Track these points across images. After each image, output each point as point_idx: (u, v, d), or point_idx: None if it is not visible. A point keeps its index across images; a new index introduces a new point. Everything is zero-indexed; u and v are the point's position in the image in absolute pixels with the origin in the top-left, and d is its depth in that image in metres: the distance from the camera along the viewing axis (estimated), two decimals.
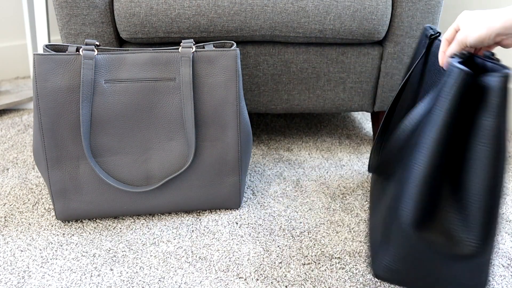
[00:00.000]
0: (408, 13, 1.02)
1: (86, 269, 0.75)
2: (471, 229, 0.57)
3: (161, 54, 0.79)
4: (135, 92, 0.79)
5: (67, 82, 0.76)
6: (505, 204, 0.96)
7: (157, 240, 0.82)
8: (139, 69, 0.78)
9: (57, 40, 1.78)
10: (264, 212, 0.91)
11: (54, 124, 0.78)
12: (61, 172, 0.81)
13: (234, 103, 0.81)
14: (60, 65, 0.76)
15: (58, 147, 0.79)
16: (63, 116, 0.78)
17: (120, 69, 0.78)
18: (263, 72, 1.07)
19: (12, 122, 1.33)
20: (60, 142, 0.79)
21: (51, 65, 0.76)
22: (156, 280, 0.73)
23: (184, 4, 0.94)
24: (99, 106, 0.78)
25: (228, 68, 0.80)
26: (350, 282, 0.73)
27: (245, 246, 0.81)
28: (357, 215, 0.91)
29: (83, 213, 0.84)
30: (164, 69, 0.79)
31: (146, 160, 0.83)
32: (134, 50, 0.79)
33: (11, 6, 1.65)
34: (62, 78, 0.76)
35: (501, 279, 0.75)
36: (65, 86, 0.76)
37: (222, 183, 0.86)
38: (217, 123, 0.82)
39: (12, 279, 0.73)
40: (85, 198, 0.83)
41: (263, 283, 0.73)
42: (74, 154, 0.80)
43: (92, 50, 0.76)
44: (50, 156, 0.79)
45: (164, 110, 0.80)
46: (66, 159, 0.80)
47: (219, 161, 0.84)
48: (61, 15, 0.96)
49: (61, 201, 0.83)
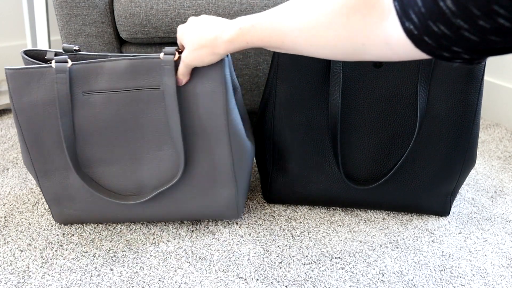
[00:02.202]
0: None
1: (86, 269, 0.75)
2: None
3: (142, 61, 0.72)
4: (116, 103, 0.73)
5: (43, 96, 0.72)
6: (505, 204, 0.96)
7: (157, 240, 0.82)
8: (118, 78, 0.72)
9: (57, 40, 1.78)
10: (264, 212, 0.91)
11: (37, 137, 0.75)
12: (51, 182, 0.79)
13: (222, 115, 0.74)
14: (33, 79, 0.71)
15: (45, 159, 0.77)
16: (45, 130, 0.74)
17: (98, 79, 0.72)
18: (263, 72, 1.07)
19: (12, 122, 1.33)
20: (47, 154, 0.76)
21: (24, 80, 0.71)
22: (156, 280, 0.73)
23: (184, 4, 0.94)
24: (81, 118, 0.74)
25: (213, 77, 0.72)
26: (350, 282, 0.73)
27: (245, 246, 0.81)
28: (357, 215, 0.91)
29: (79, 218, 0.84)
30: (146, 78, 0.72)
31: (136, 171, 0.79)
32: (113, 57, 0.73)
33: (11, 6, 1.65)
34: (37, 92, 0.72)
35: (501, 279, 0.75)
36: (42, 100, 0.72)
37: (217, 194, 0.81)
38: (205, 135, 0.76)
39: (12, 279, 0.73)
40: (78, 206, 0.81)
41: (263, 283, 0.73)
42: (62, 165, 0.77)
43: (65, 62, 0.70)
44: (38, 168, 0.77)
45: (150, 119, 0.75)
46: (54, 170, 0.78)
47: (211, 173, 0.79)
48: (61, 15, 0.96)
49: (56, 207, 0.82)
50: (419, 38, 0.41)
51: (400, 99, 0.80)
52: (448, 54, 0.41)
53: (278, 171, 0.88)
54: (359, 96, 0.81)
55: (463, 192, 1.00)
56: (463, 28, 0.37)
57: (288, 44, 0.55)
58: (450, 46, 0.40)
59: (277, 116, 0.83)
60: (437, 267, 0.77)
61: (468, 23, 0.36)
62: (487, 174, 1.08)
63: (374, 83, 0.80)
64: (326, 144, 0.84)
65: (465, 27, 0.36)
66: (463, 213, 0.92)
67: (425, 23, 0.39)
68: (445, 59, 0.42)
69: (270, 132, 0.85)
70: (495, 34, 0.36)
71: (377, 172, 0.85)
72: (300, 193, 0.89)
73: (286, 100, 0.82)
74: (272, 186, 0.90)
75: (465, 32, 0.37)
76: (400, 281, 0.74)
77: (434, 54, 0.42)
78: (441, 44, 0.40)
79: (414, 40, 0.41)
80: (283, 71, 0.81)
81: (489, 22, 0.35)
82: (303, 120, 0.83)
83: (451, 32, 0.38)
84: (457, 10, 0.36)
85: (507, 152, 1.20)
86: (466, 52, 0.40)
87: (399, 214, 0.91)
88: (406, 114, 0.81)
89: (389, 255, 0.79)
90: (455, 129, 0.81)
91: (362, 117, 0.82)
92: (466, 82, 0.78)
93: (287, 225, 0.87)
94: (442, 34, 0.38)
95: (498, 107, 1.38)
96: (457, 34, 0.38)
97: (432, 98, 0.80)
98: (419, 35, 0.40)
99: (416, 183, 0.85)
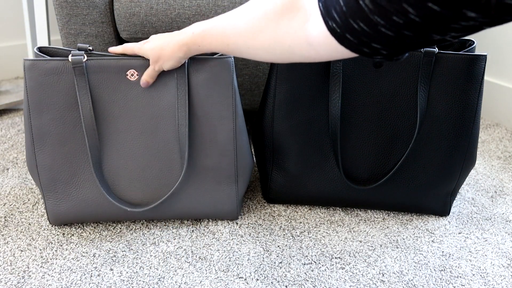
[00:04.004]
0: None
1: (86, 269, 0.75)
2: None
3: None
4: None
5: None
6: (505, 204, 0.96)
7: (157, 240, 0.82)
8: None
9: (57, 40, 1.78)
10: (264, 212, 0.91)
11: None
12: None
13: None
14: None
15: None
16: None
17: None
18: (263, 72, 1.07)
19: (12, 122, 1.33)
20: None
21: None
22: (156, 280, 0.73)
23: (184, 4, 0.94)
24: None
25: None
26: (350, 282, 0.73)
27: (245, 246, 0.81)
28: (357, 215, 0.91)
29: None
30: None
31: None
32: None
33: (11, 6, 1.65)
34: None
35: (501, 279, 0.75)
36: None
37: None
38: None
39: (12, 279, 0.73)
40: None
41: (263, 283, 0.73)
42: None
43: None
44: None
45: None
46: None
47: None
48: (61, 15, 0.96)
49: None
50: (341, 35, 0.44)
51: (400, 99, 0.80)
52: (368, 50, 0.45)
53: (278, 171, 0.88)
54: (359, 96, 0.81)
55: (463, 192, 1.00)
56: (380, 24, 0.40)
57: (232, 47, 0.59)
58: (369, 42, 0.43)
59: (277, 116, 0.83)
60: (437, 267, 0.77)
61: (384, 19, 0.40)
62: (487, 174, 1.08)
63: (374, 83, 0.80)
64: (326, 144, 0.84)
65: (382, 23, 0.40)
66: (463, 213, 0.92)
67: (347, 21, 0.42)
68: (366, 55, 0.46)
69: (270, 132, 0.85)
70: (407, 29, 0.40)
71: (377, 172, 0.85)
72: (300, 193, 0.89)
73: (286, 100, 0.82)
74: (272, 186, 0.90)
75: (382, 28, 0.41)
76: (400, 281, 0.74)
77: (356, 50, 0.45)
78: (361, 41, 0.43)
79: (337, 37, 0.45)
80: (283, 71, 0.80)
81: (402, 18, 0.39)
82: (303, 120, 0.83)
83: (369, 29, 0.41)
84: (373, 7, 0.40)
85: (507, 152, 1.20)
86: (384, 48, 0.44)
87: (399, 214, 0.91)
88: (406, 114, 0.81)
89: (389, 255, 0.79)
90: (455, 129, 0.81)
91: (362, 117, 0.82)
92: (466, 82, 0.78)
93: (287, 225, 0.87)
94: (362, 31, 0.42)
95: (498, 107, 1.38)
96: (375, 30, 0.41)
97: (432, 98, 0.80)
98: (341, 33, 0.44)
99: (416, 183, 0.85)
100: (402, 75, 0.79)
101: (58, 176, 0.78)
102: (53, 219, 0.82)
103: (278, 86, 0.82)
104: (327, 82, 0.80)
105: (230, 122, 0.78)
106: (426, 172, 0.84)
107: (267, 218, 0.89)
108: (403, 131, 0.82)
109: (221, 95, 0.76)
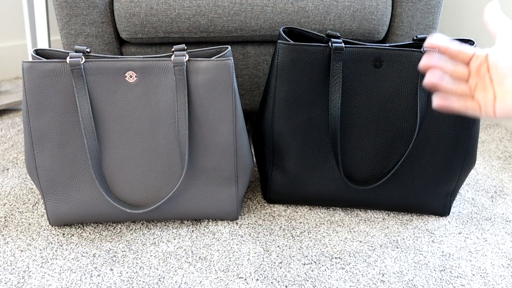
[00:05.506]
0: (408, 13, 1.02)
1: (86, 269, 0.75)
2: None
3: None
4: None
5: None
6: (505, 204, 0.96)
7: (157, 240, 0.82)
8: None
9: (57, 40, 1.78)
10: (264, 212, 0.91)
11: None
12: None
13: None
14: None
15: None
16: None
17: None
18: (263, 72, 1.07)
19: (12, 122, 1.33)
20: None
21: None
22: (156, 280, 0.73)
23: (184, 4, 0.94)
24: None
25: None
26: (350, 282, 0.73)
27: (245, 246, 0.81)
28: (357, 215, 0.91)
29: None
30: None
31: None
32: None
33: (11, 6, 1.65)
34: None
35: (501, 279, 0.75)
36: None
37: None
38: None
39: (12, 279, 0.73)
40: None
41: (263, 283, 0.73)
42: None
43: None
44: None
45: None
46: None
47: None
48: (61, 15, 0.96)
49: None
50: None
51: (400, 99, 0.80)
52: None
53: (278, 171, 0.88)
54: (359, 96, 0.81)
55: (463, 192, 1.00)
56: None
57: None
58: None
59: (277, 116, 0.83)
60: (437, 267, 0.77)
61: None
62: (487, 174, 1.08)
63: (374, 83, 0.80)
64: (326, 144, 0.84)
65: None
66: (463, 213, 0.92)
67: None
68: None
69: (270, 132, 0.85)
70: None
71: (377, 172, 0.85)
72: (300, 193, 0.89)
73: (286, 100, 0.82)
74: (272, 186, 0.90)
75: None
76: (400, 281, 0.74)
77: None
78: None
79: None
80: (283, 71, 0.80)
81: None
82: (303, 120, 0.83)
83: None
84: None
85: (507, 152, 1.20)
86: None
87: (399, 214, 0.91)
88: (406, 114, 0.81)
89: (389, 255, 0.79)
90: (455, 129, 0.81)
91: (362, 117, 0.82)
92: None
93: (287, 225, 0.87)
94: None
95: None
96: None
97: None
98: None
99: (416, 183, 0.85)
100: (402, 75, 0.79)
101: (57, 178, 0.78)
102: (53, 220, 0.82)
103: (278, 86, 0.82)
104: (327, 82, 0.80)
105: (230, 123, 0.78)
106: (426, 172, 0.84)
107: (267, 218, 0.89)
108: (403, 131, 0.82)
109: (221, 97, 0.76)
